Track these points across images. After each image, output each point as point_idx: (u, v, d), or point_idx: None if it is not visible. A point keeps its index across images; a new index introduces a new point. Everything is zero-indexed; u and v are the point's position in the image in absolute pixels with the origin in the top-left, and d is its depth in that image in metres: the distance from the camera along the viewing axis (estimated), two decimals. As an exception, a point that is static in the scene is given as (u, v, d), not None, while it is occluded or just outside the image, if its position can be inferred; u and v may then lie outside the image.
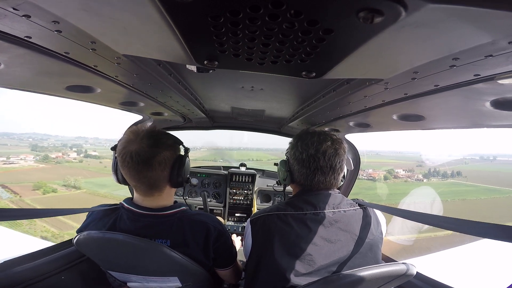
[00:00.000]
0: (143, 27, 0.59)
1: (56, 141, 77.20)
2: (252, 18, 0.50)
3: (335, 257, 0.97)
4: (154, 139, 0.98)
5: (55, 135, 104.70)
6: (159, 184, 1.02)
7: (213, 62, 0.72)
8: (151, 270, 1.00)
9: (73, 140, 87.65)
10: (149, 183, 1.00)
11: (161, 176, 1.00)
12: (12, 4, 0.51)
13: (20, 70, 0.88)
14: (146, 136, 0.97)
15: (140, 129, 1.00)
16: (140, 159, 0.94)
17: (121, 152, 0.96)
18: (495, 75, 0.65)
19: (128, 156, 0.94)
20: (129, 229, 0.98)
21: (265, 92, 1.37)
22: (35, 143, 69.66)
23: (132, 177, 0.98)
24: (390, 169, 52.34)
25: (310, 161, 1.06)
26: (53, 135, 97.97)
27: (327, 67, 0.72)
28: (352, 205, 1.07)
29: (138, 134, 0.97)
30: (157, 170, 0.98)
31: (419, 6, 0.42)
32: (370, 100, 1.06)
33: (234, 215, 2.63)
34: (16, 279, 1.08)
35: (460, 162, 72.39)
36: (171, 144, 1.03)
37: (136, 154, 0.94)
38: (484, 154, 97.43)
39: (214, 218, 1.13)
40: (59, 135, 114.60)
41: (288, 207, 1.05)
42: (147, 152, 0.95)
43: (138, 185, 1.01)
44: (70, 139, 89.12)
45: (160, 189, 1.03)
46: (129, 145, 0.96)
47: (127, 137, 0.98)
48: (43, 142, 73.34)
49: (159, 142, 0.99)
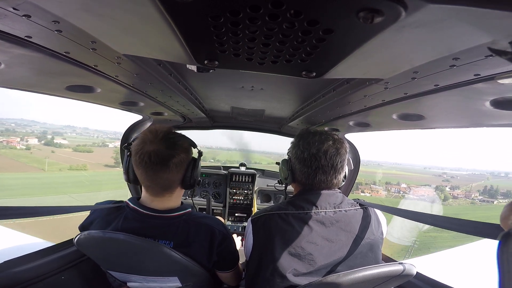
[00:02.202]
0: (144, 27, 0.59)
1: (41, 128, 76.57)
2: (252, 18, 0.50)
3: (335, 257, 0.97)
4: (171, 141, 0.99)
5: (43, 122, 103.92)
6: (172, 185, 1.03)
7: (213, 62, 0.72)
8: (152, 270, 1.00)
9: (60, 128, 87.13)
10: (163, 184, 1.01)
11: (175, 178, 1.02)
12: (12, 4, 0.51)
13: (20, 70, 0.88)
14: (164, 138, 0.98)
15: (158, 129, 1.00)
16: (158, 160, 0.95)
17: (139, 152, 0.96)
18: (495, 75, 0.65)
19: (146, 156, 0.95)
20: (134, 229, 0.98)
21: (265, 92, 1.37)
22: (12, 128, 69.24)
23: (148, 178, 0.99)
24: (440, 186, 47.32)
25: (312, 160, 1.06)
26: (41, 122, 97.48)
27: (327, 67, 0.72)
28: (353, 205, 1.08)
29: (156, 135, 0.98)
30: (173, 172, 0.99)
31: (419, 6, 0.42)
32: (370, 99, 1.06)
33: (234, 215, 2.64)
34: (16, 279, 1.08)
35: (482, 178, 69.98)
36: (186, 146, 1.05)
37: (154, 155, 0.95)
38: (494, 171, 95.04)
39: (219, 221, 1.13)
40: (48, 123, 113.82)
41: (289, 206, 1.05)
42: (165, 154, 0.96)
43: (152, 186, 1.01)
44: (57, 127, 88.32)
45: (172, 190, 1.04)
46: (146, 145, 0.96)
47: (144, 136, 0.99)
48: (26, 128, 72.92)
49: (176, 144, 1.00)
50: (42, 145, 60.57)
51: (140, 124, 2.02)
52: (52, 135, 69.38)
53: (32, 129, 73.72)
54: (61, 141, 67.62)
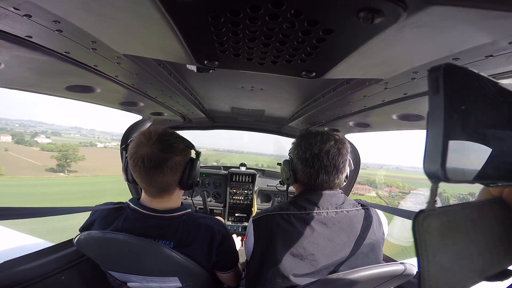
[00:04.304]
0: (144, 27, 0.59)
1: (47, 129, 76.77)
2: (252, 18, 0.50)
3: (337, 257, 0.97)
4: (166, 144, 0.97)
5: (50, 124, 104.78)
6: (170, 187, 1.02)
7: (213, 62, 0.72)
8: (152, 270, 1.00)
9: (65, 130, 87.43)
10: (160, 187, 1.00)
11: (171, 181, 1.01)
12: (13, 4, 0.51)
13: (20, 70, 0.88)
14: (158, 140, 0.96)
15: (152, 132, 0.99)
16: (152, 164, 0.94)
17: (133, 156, 0.96)
18: (495, 75, 0.65)
19: (140, 160, 0.94)
20: (134, 229, 0.98)
21: (265, 92, 1.37)
22: (11, 128, 69.46)
23: (144, 181, 0.99)
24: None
25: (314, 160, 1.06)
26: (48, 124, 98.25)
27: (327, 67, 0.72)
28: (354, 205, 1.07)
29: (150, 138, 0.96)
30: (168, 175, 0.98)
31: (419, 7, 0.42)
32: (370, 100, 1.06)
33: (234, 215, 2.63)
34: (16, 279, 1.08)
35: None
36: (182, 148, 1.02)
37: (148, 159, 0.94)
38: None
39: (219, 221, 1.13)
40: (55, 124, 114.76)
41: (291, 207, 1.04)
42: (158, 157, 0.95)
43: (149, 188, 1.01)
44: (63, 129, 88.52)
45: (170, 192, 1.04)
46: (140, 149, 0.95)
47: (138, 140, 0.97)
48: (29, 128, 73.22)
49: (171, 147, 0.98)
50: (13, 143, 60.54)
51: (140, 125, 2.03)
52: (47, 135, 69.31)
53: (36, 129, 73.91)
54: (43, 140, 67.53)
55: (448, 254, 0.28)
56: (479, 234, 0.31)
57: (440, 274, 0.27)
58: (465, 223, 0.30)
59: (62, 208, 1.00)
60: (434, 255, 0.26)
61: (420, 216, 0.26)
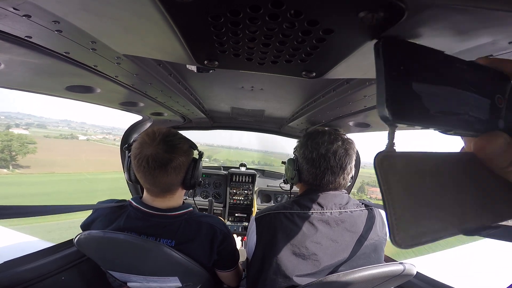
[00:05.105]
0: (143, 27, 0.59)
1: (34, 122, 76.20)
2: (252, 18, 0.50)
3: (340, 257, 0.97)
4: (170, 144, 0.98)
5: (39, 116, 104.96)
6: (173, 187, 1.03)
7: (213, 62, 0.72)
8: (152, 270, 1.01)
9: (54, 122, 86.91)
10: (163, 187, 1.01)
11: (175, 181, 1.02)
12: (12, 4, 0.51)
13: (20, 70, 0.88)
14: (162, 141, 0.97)
15: (156, 132, 0.99)
16: (157, 165, 0.95)
17: (137, 156, 0.96)
18: None
19: (144, 161, 0.95)
20: (136, 227, 0.98)
21: (265, 92, 1.37)
22: None
23: (147, 181, 0.99)
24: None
25: (321, 160, 1.05)
26: (37, 116, 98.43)
27: (327, 67, 0.72)
28: (358, 205, 1.07)
29: (154, 139, 0.97)
30: (172, 175, 0.99)
31: (420, 7, 0.42)
32: (370, 100, 1.06)
33: (234, 215, 2.64)
34: (16, 280, 1.08)
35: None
36: (186, 149, 1.03)
37: (152, 160, 0.94)
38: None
39: (220, 220, 1.13)
40: (44, 117, 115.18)
41: (295, 206, 1.04)
42: (163, 158, 0.95)
43: (152, 188, 1.01)
44: (51, 122, 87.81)
45: (173, 191, 1.05)
46: (144, 149, 0.95)
47: (142, 140, 0.98)
48: (15, 120, 72.77)
49: (175, 148, 0.99)
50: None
51: (140, 125, 2.03)
52: (28, 126, 68.32)
53: (22, 122, 73.25)
54: (22, 131, 66.42)
55: (414, 198, 0.29)
56: (450, 185, 0.32)
57: (409, 218, 0.28)
58: (430, 170, 0.31)
59: (65, 206, 1.00)
60: (398, 196, 0.28)
61: (379, 155, 0.28)
